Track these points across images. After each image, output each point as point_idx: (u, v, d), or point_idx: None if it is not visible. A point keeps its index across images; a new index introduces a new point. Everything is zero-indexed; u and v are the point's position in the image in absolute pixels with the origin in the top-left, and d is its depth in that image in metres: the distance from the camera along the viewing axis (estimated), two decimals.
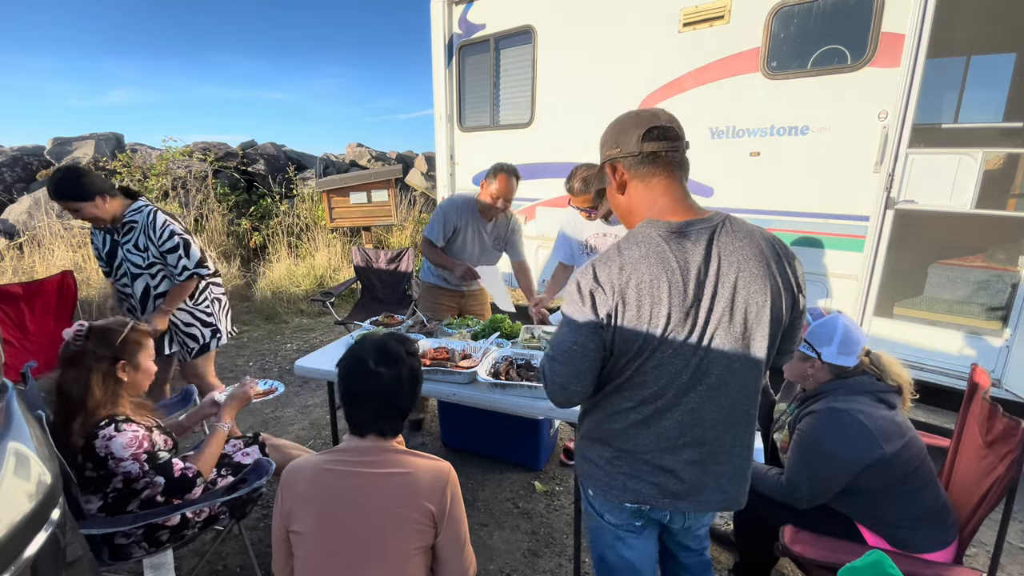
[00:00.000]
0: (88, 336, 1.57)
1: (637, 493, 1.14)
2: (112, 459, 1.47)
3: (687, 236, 1.05)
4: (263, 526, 2.29)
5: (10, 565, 0.87)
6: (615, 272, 1.04)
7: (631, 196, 1.14)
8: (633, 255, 1.04)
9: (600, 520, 1.27)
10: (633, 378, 1.09)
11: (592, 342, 1.06)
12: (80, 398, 1.50)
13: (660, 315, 1.02)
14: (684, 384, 1.07)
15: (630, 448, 1.13)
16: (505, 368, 1.92)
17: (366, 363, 1.21)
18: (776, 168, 3.02)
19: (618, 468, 1.15)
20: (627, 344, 1.05)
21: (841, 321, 1.58)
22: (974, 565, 2.06)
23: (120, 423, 1.51)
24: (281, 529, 1.20)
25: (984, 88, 4.18)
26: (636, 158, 1.09)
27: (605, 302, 1.04)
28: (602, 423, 1.16)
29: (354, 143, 9.37)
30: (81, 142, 6.92)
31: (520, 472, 2.69)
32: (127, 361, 1.61)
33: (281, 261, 6.42)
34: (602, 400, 1.15)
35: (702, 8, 3.13)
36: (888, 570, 1.07)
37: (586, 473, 1.22)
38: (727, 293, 1.04)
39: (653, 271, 1.02)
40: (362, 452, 1.20)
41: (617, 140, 1.12)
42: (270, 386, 2.13)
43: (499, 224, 2.89)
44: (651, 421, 1.10)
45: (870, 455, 1.43)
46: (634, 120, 1.11)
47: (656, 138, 1.07)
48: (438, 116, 4.73)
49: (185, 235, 2.44)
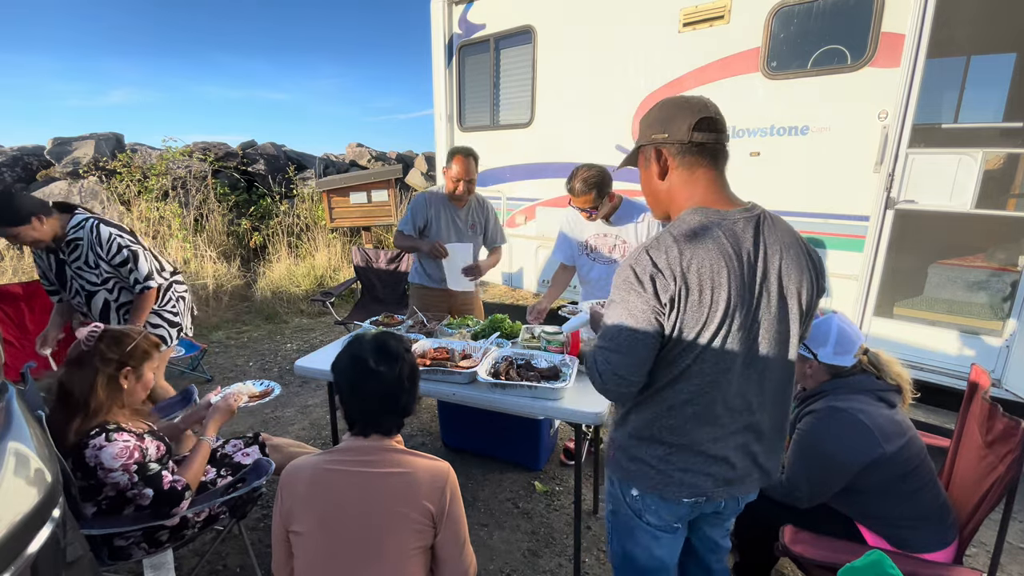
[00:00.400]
0: (101, 338, 1.57)
1: (695, 487, 1.14)
2: (101, 469, 1.45)
3: (735, 223, 1.07)
4: (263, 526, 2.29)
5: (10, 565, 0.87)
6: (675, 257, 1.03)
7: (672, 183, 1.13)
8: (691, 240, 1.04)
9: (637, 521, 1.24)
10: (691, 367, 1.07)
11: (653, 328, 1.05)
12: (83, 398, 1.50)
13: (720, 300, 1.03)
14: (739, 370, 1.08)
15: (687, 442, 1.12)
16: (505, 368, 1.92)
17: (366, 362, 1.21)
18: (776, 168, 3.02)
19: (675, 464, 1.13)
20: (688, 330, 1.04)
21: (836, 321, 1.58)
22: (974, 565, 2.06)
23: (111, 432, 1.49)
24: (281, 529, 1.20)
25: (984, 88, 4.18)
26: (684, 146, 1.09)
27: (667, 287, 1.02)
28: (655, 420, 1.13)
29: (354, 143, 9.36)
30: (81, 142, 6.92)
31: (520, 472, 2.69)
32: (132, 369, 1.61)
33: (281, 261, 6.42)
34: (654, 395, 1.13)
35: (702, 8, 3.13)
36: (888, 570, 1.07)
37: (636, 474, 1.19)
38: (774, 279, 1.08)
39: (712, 256, 1.02)
40: (362, 452, 1.20)
41: (665, 126, 1.10)
42: (266, 387, 2.10)
43: (472, 210, 2.91)
44: (708, 411, 1.10)
45: (870, 454, 1.43)
46: (685, 107, 1.10)
47: (706, 128, 1.08)
48: (438, 116, 4.73)
49: (133, 246, 2.33)
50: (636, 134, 1.19)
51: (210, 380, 3.87)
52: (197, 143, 7.52)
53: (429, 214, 2.83)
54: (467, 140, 4.64)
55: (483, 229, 2.96)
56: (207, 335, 4.87)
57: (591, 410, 1.70)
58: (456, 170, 2.70)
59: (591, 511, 2.39)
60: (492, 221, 2.98)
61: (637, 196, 1.71)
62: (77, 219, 2.27)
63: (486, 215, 2.96)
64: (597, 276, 2.51)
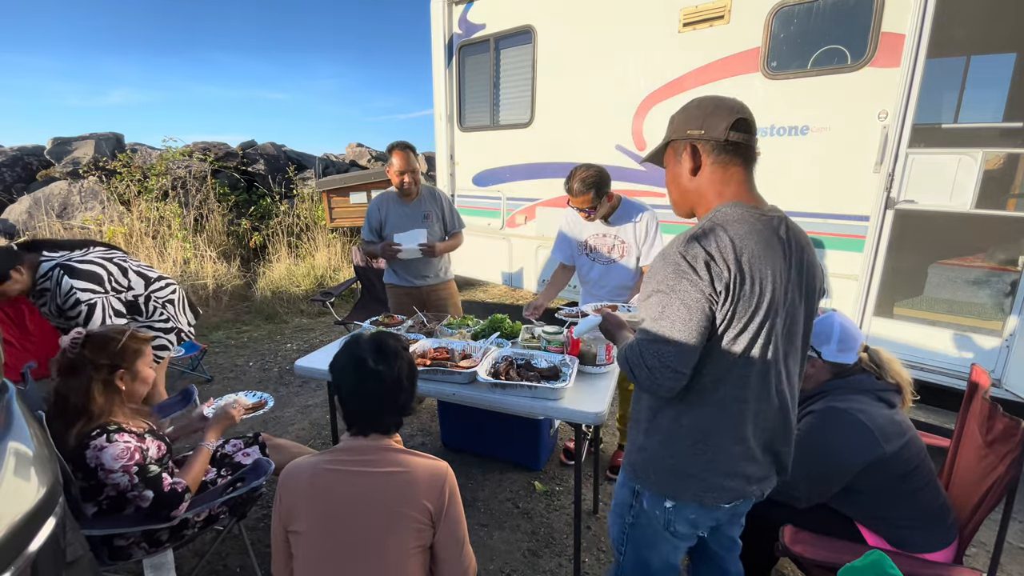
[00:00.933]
0: (85, 344, 1.55)
1: (734, 491, 1.15)
2: (102, 470, 1.45)
3: (772, 220, 1.10)
4: (263, 526, 2.29)
5: (10, 565, 0.87)
6: (726, 245, 1.03)
7: (703, 179, 1.14)
8: (740, 231, 1.05)
9: (664, 532, 1.22)
10: (737, 362, 1.07)
11: (707, 316, 1.04)
12: (82, 405, 1.49)
13: (767, 291, 1.04)
14: (777, 363, 1.11)
15: (729, 444, 1.11)
16: (505, 368, 1.92)
17: (364, 362, 1.21)
18: (776, 168, 3.02)
19: (718, 470, 1.12)
20: (738, 320, 1.05)
21: (837, 319, 1.58)
22: (974, 565, 2.06)
23: (112, 433, 1.49)
24: (280, 529, 1.20)
25: (984, 88, 4.18)
26: (721, 144, 1.10)
27: (721, 274, 1.02)
28: (697, 425, 1.11)
29: (354, 143, 9.36)
30: (81, 142, 6.92)
31: (520, 472, 2.69)
32: (126, 370, 1.60)
33: (281, 261, 6.42)
34: (696, 401, 1.11)
35: (702, 8, 3.13)
36: (888, 570, 1.07)
37: (673, 486, 1.16)
38: (805, 272, 1.13)
39: (760, 247, 1.05)
40: (360, 452, 1.20)
41: (703, 123, 1.11)
42: (259, 399, 2.08)
43: (424, 201, 2.94)
44: (752, 410, 1.10)
45: (870, 454, 1.43)
46: (724, 106, 1.12)
47: (743, 129, 1.10)
48: (438, 116, 4.73)
49: (93, 299, 2.18)
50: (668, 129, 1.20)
51: (210, 380, 3.87)
52: (197, 143, 7.52)
53: (382, 215, 2.91)
54: (467, 140, 4.65)
55: (440, 217, 2.99)
56: (207, 335, 4.87)
57: (591, 410, 1.70)
58: (397, 164, 2.76)
59: (591, 511, 2.39)
60: (447, 208, 3.03)
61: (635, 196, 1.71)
62: (44, 268, 2.18)
63: (440, 204, 3.00)
64: (596, 276, 2.52)
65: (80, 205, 6.31)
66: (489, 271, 4.78)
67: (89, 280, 2.20)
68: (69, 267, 2.18)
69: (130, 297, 2.37)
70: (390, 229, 2.88)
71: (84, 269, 2.21)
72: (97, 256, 2.32)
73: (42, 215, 5.96)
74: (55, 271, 2.16)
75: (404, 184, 2.80)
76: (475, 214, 4.75)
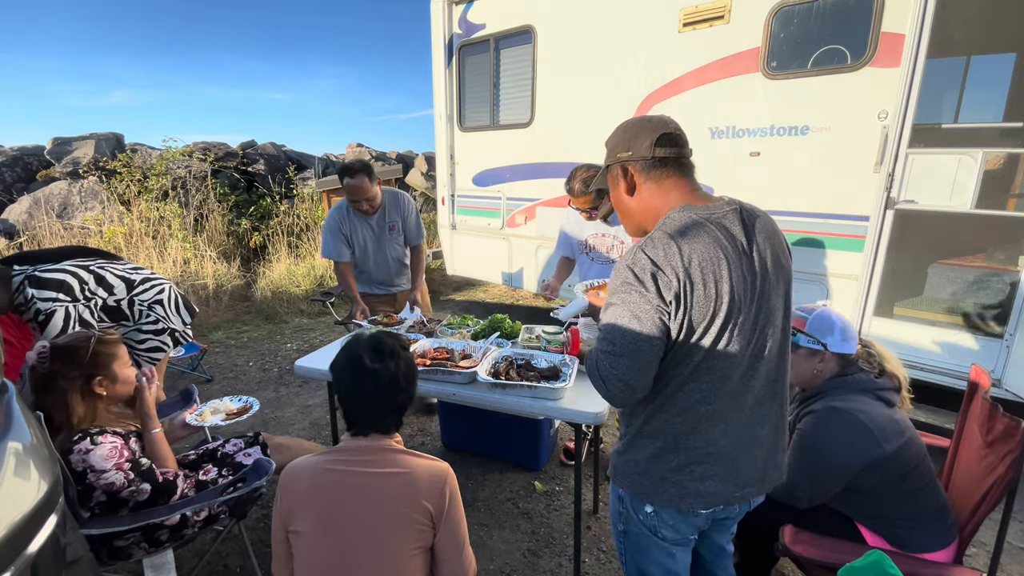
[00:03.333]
0: (54, 358, 1.50)
1: (713, 496, 1.12)
2: (92, 472, 1.43)
3: (724, 216, 1.08)
4: (263, 526, 2.29)
5: (10, 565, 0.87)
6: (674, 253, 1.02)
7: (643, 198, 1.16)
8: (687, 236, 1.04)
9: (652, 538, 1.21)
10: (700, 365, 1.06)
11: (659, 330, 1.03)
12: (63, 419, 1.47)
13: (724, 292, 1.02)
14: (747, 365, 1.08)
15: (702, 445, 1.10)
16: (505, 368, 1.92)
17: (362, 360, 1.21)
18: (776, 168, 3.02)
19: (692, 474, 1.11)
20: (696, 326, 1.03)
21: (831, 310, 1.59)
22: (974, 565, 2.06)
23: (95, 436, 1.48)
24: (281, 529, 1.20)
25: (984, 88, 4.18)
26: (648, 162, 1.12)
27: (670, 284, 1.01)
28: (667, 427, 1.11)
29: (354, 143, 9.36)
30: (81, 142, 6.92)
31: (520, 472, 2.69)
32: (103, 376, 1.57)
33: (281, 261, 6.42)
34: (664, 400, 1.11)
35: (702, 8, 3.13)
36: (888, 570, 1.07)
37: (650, 489, 1.15)
38: (770, 269, 1.09)
39: (710, 249, 1.03)
40: (361, 452, 1.20)
41: (629, 144, 1.14)
42: (245, 403, 2.05)
43: (387, 211, 2.92)
44: (720, 411, 1.08)
45: (870, 454, 1.43)
46: (647, 125, 1.14)
47: (667, 144, 1.11)
48: (438, 116, 4.73)
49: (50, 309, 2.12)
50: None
51: (210, 380, 3.87)
52: (197, 143, 7.52)
53: (345, 231, 2.86)
54: (467, 140, 4.65)
55: (402, 228, 2.97)
56: (207, 335, 4.87)
57: (591, 410, 1.70)
58: (351, 192, 2.72)
59: (591, 511, 2.39)
60: (413, 219, 2.99)
61: None
62: (15, 282, 2.12)
63: (403, 212, 2.96)
64: (595, 276, 2.52)
65: (80, 205, 6.31)
66: (489, 271, 4.78)
67: (54, 289, 2.15)
68: (34, 278, 2.14)
69: (112, 303, 2.31)
70: (359, 249, 2.89)
71: (49, 279, 2.15)
72: (70, 264, 2.26)
73: (42, 215, 5.96)
74: (23, 284, 2.12)
75: (363, 209, 2.79)
76: (475, 214, 4.76)
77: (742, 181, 3.13)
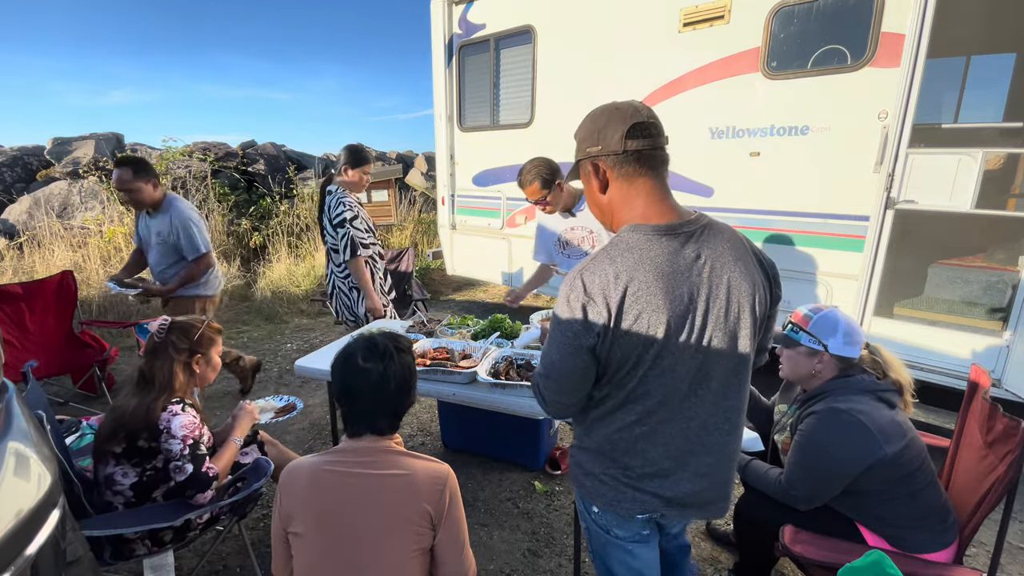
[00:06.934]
0: (171, 330, 1.72)
1: (647, 503, 1.11)
2: (167, 433, 1.57)
3: (675, 238, 1.02)
4: (263, 526, 2.29)
5: (10, 565, 0.87)
6: (609, 281, 0.99)
7: (612, 196, 1.09)
8: (626, 262, 0.99)
9: (607, 536, 1.21)
10: (636, 390, 1.04)
11: (582, 360, 1.02)
12: (166, 382, 1.65)
13: (659, 322, 0.98)
14: (686, 390, 1.04)
15: (638, 463, 1.09)
16: (505, 368, 1.92)
17: (355, 358, 1.21)
18: (776, 168, 3.02)
19: (627, 483, 1.11)
20: (625, 355, 1.01)
21: (840, 313, 1.58)
22: (974, 565, 2.06)
23: (186, 405, 1.65)
24: (280, 530, 1.20)
25: (984, 88, 4.18)
26: (619, 157, 1.04)
27: (600, 314, 0.98)
28: (607, 439, 1.11)
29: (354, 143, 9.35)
30: (81, 142, 6.92)
31: (520, 472, 2.69)
32: (202, 355, 1.76)
33: (281, 261, 6.42)
34: (605, 416, 1.10)
35: (702, 8, 3.13)
36: (888, 570, 1.08)
37: (591, 491, 1.17)
38: (722, 294, 1.02)
39: (648, 278, 0.98)
40: (360, 453, 1.20)
41: (598, 137, 1.05)
42: (288, 402, 2.15)
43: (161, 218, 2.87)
44: (657, 432, 1.06)
45: (871, 456, 1.43)
46: (616, 114, 1.04)
47: (640, 135, 1.02)
48: (438, 116, 4.73)
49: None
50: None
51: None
52: (197, 143, 7.52)
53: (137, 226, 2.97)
54: (467, 140, 4.65)
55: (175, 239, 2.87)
56: None
57: None
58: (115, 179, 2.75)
59: None
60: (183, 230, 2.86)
61: None
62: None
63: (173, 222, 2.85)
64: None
65: (80, 205, 6.31)
66: (489, 271, 4.78)
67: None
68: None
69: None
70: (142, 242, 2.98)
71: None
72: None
73: (42, 215, 5.95)
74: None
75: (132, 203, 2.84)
76: (475, 214, 4.76)
77: (742, 181, 3.13)
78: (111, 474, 1.59)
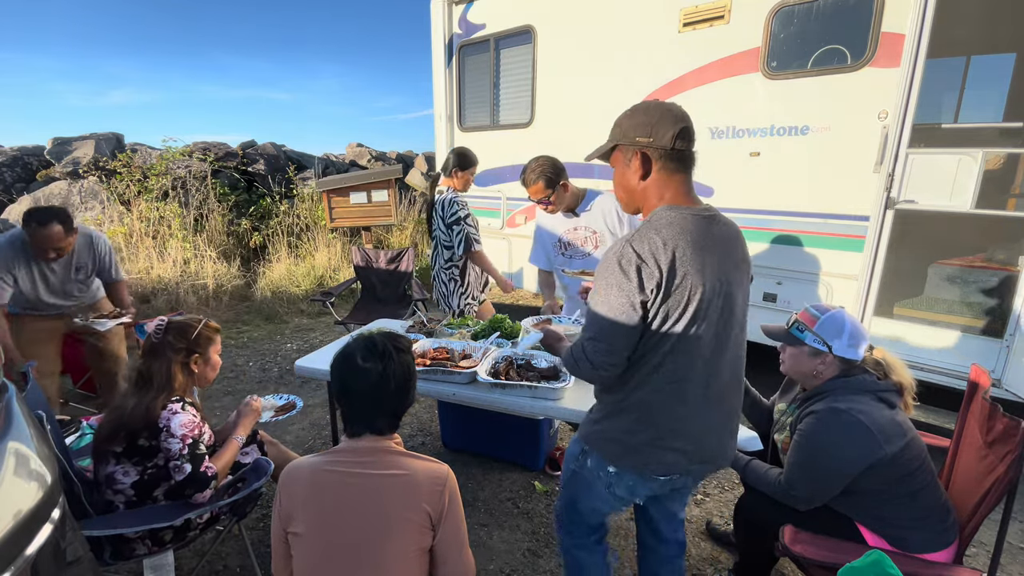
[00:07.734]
0: (167, 330, 1.72)
1: (672, 465, 1.25)
2: (166, 431, 1.57)
3: (703, 220, 1.19)
4: (263, 526, 2.29)
5: (10, 565, 0.87)
6: (659, 246, 1.12)
7: (650, 184, 1.22)
8: (672, 232, 1.14)
9: (600, 488, 1.35)
10: (673, 349, 1.17)
11: (634, 318, 1.14)
12: (164, 381, 1.65)
13: (698, 286, 1.13)
14: (712, 351, 1.20)
15: (669, 423, 1.22)
16: (505, 368, 1.92)
17: (354, 358, 1.21)
18: (776, 168, 3.02)
19: (657, 445, 1.23)
20: (672, 314, 1.14)
21: (846, 314, 1.58)
22: (974, 565, 2.06)
23: (186, 404, 1.65)
24: (280, 530, 1.20)
25: (984, 88, 4.18)
26: (668, 152, 1.18)
27: (652, 275, 1.12)
28: (640, 405, 1.23)
29: (354, 143, 9.36)
30: (81, 142, 6.92)
31: (520, 472, 2.68)
32: (200, 354, 1.75)
33: (281, 261, 6.42)
34: (640, 383, 1.22)
35: (702, 8, 3.13)
36: (888, 570, 1.08)
37: (615, 455, 1.29)
38: (736, 268, 1.22)
39: (691, 246, 1.14)
40: (360, 453, 1.20)
41: (651, 131, 1.18)
42: (288, 400, 2.14)
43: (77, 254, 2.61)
44: (687, 392, 1.20)
45: (871, 456, 1.43)
46: (668, 115, 1.18)
47: (686, 138, 1.18)
48: (438, 116, 4.73)
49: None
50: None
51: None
52: (197, 143, 7.51)
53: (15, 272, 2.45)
54: (467, 140, 4.64)
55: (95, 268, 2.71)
56: None
57: None
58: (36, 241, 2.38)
59: None
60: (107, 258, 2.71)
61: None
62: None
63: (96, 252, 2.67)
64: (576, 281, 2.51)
65: (80, 205, 6.31)
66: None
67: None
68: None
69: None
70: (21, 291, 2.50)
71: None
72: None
73: None
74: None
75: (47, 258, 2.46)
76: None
77: (742, 181, 3.13)
78: (112, 473, 1.59)
